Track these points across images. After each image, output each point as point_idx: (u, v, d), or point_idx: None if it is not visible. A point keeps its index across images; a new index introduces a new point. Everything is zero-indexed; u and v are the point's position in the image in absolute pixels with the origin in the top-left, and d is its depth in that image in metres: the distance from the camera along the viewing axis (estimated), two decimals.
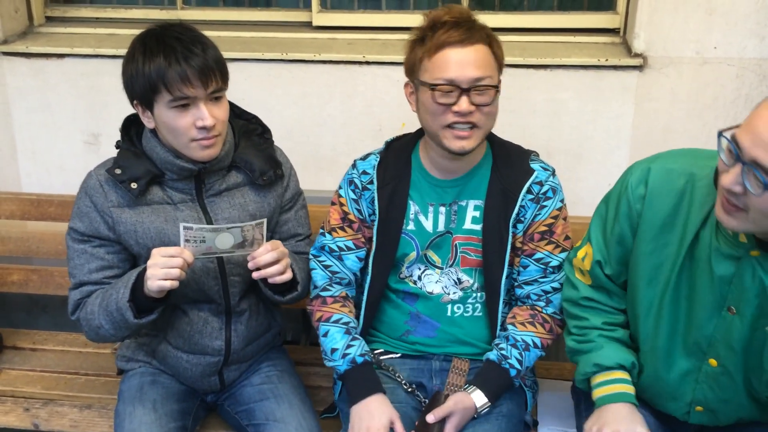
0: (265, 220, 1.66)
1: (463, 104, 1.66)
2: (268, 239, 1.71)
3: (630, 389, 1.64)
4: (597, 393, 1.65)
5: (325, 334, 1.82)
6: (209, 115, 1.62)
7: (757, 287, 1.43)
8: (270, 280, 1.70)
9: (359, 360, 1.77)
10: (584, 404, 1.82)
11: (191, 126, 1.63)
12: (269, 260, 1.66)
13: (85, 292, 1.77)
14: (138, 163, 1.72)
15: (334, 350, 1.79)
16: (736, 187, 1.29)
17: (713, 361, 1.55)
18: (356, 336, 1.83)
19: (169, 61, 1.58)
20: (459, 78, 1.65)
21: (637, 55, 2.48)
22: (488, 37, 1.69)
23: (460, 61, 1.65)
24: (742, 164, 1.27)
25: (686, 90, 2.50)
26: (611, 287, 1.69)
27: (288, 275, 1.70)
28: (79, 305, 1.78)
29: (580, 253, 1.71)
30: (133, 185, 1.71)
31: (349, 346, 1.79)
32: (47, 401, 2.15)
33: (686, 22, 2.43)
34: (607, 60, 2.49)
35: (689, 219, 1.50)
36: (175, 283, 1.58)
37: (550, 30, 2.71)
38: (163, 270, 1.57)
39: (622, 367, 1.65)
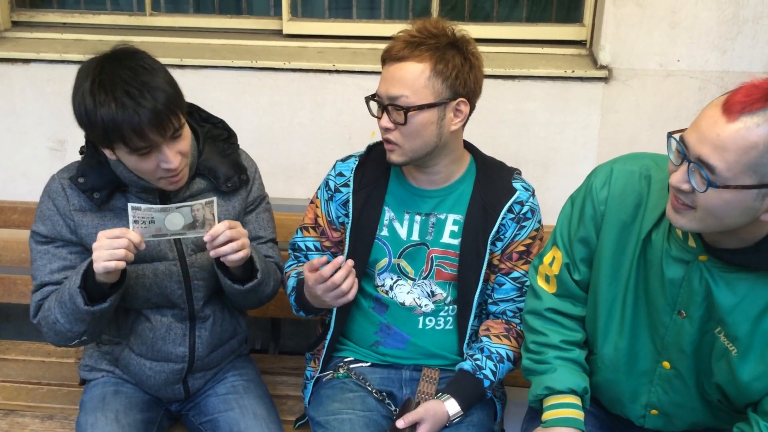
0: (215, 199, 1.63)
1: (383, 120, 1.70)
2: None
3: (578, 414, 1.64)
4: (546, 415, 1.65)
5: (287, 279, 1.92)
6: (172, 156, 1.59)
7: (704, 291, 1.47)
8: (223, 259, 1.66)
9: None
10: (530, 415, 1.84)
11: (156, 168, 1.60)
12: (224, 240, 1.62)
13: (46, 293, 1.74)
14: (101, 172, 1.70)
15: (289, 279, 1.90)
16: (684, 185, 1.33)
17: (666, 364, 1.58)
18: None
19: (123, 117, 1.50)
20: (381, 94, 1.69)
21: (602, 67, 2.52)
22: (437, 53, 1.65)
23: (386, 77, 1.69)
24: (688, 163, 1.32)
25: (650, 102, 2.55)
26: (577, 292, 1.70)
27: (243, 254, 1.65)
28: (40, 307, 1.75)
29: (547, 258, 1.72)
30: (96, 195, 1.69)
31: (299, 273, 1.87)
32: (8, 412, 2.10)
33: (650, 35, 2.48)
34: (573, 71, 2.53)
35: (644, 220, 1.53)
36: (121, 264, 1.55)
37: (518, 41, 2.75)
38: (108, 251, 1.53)
39: (573, 392, 1.65)
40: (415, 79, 1.65)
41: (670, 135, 1.37)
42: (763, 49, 2.46)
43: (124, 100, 1.50)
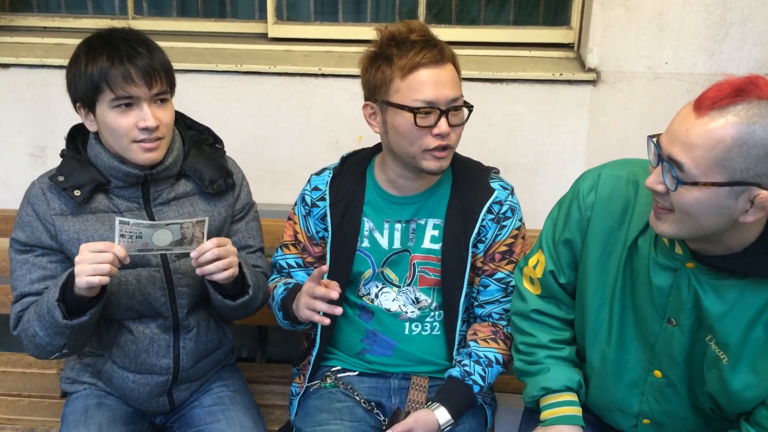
0: (206, 219, 1.61)
1: (443, 126, 1.64)
2: None
3: (577, 411, 1.65)
4: (545, 415, 1.66)
5: (272, 290, 1.89)
6: (152, 116, 1.61)
7: (693, 299, 1.45)
8: (209, 278, 1.64)
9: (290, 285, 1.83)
10: (527, 416, 1.84)
11: (133, 127, 1.61)
12: (210, 257, 1.60)
13: (26, 304, 1.70)
14: (82, 171, 1.69)
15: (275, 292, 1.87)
16: (658, 186, 1.33)
17: (658, 373, 1.56)
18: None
19: (112, 60, 1.57)
20: (438, 99, 1.63)
21: (590, 70, 2.52)
22: (453, 56, 1.69)
23: (436, 82, 1.63)
24: (662, 163, 1.31)
25: (639, 104, 2.55)
26: (562, 297, 1.69)
27: (230, 272, 1.63)
28: (20, 318, 1.71)
29: (532, 261, 1.71)
30: (77, 192, 1.66)
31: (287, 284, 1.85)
32: None
33: (638, 38, 2.48)
34: (561, 74, 2.52)
35: (630, 227, 1.52)
36: (105, 279, 1.52)
37: (506, 44, 2.74)
38: (91, 266, 1.50)
39: (569, 389, 1.66)
40: (458, 80, 1.69)
41: (650, 138, 1.36)
42: (750, 52, 2.46)
43: (120, 45, 1.59)
